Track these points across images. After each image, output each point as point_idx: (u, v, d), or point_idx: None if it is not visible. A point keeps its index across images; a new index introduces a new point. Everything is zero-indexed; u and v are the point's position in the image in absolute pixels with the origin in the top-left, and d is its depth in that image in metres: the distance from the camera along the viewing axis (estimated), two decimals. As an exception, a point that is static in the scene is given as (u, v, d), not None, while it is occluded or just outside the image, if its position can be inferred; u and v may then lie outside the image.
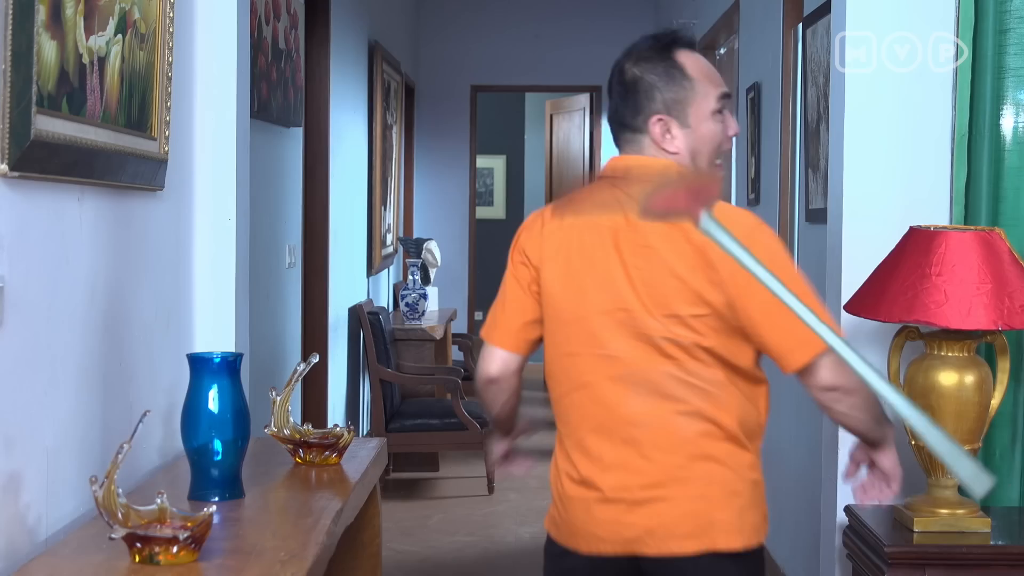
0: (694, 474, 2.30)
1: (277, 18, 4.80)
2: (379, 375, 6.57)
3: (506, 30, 10.35)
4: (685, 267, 2.27)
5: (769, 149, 5.63)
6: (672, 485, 2.30)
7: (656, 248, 2.30)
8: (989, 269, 2.87)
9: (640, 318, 2.30)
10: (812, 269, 4.59)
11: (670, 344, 2.29)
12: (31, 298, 2.30)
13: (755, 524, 2.34)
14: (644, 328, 2.30)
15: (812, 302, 2.17)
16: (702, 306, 2.28)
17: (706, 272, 2.26)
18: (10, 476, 2.23)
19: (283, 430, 3.01)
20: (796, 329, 2.16)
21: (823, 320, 1.97)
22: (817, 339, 2.09)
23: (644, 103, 2.40)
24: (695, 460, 2.30)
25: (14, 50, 2.12)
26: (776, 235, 2.35)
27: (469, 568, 5.44)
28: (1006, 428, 3.23)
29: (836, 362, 2.22)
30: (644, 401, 2.31)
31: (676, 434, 2.30)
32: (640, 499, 2.32)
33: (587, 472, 2.37)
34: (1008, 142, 3.21)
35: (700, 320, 2.28)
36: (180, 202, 3.20)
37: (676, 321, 2.29)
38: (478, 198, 12.91)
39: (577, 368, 2.39)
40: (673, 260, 2.28)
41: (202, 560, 2.19)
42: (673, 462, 2.30)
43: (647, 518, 2.31)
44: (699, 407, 2.30)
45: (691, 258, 2.27)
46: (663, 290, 2.29)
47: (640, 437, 2.32)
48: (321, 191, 6.00)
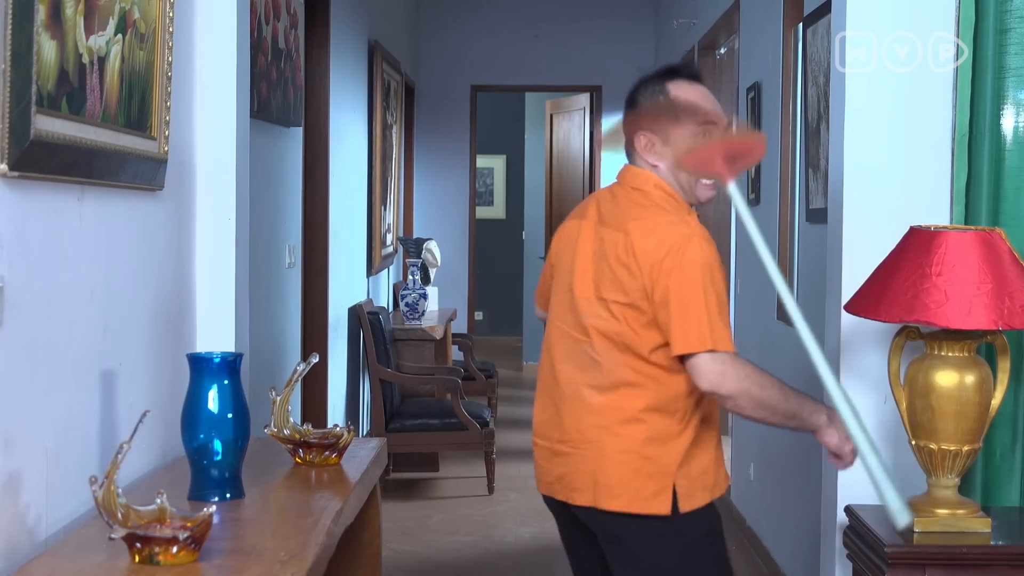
0: (590, 439, 2.71)
1: (277, 18, 4.80)
2: (379, 375, 6.57)
3: (506, 30, 10.35)
4: (617, 257, 2.67)
5: (769, 149, 5.63)
6: (575, 444, 2.74)
7: (604, 240, 2.72)
8: (989, 269, 2.86)
9: (577, 299, 2.76)
10: (812, 269, 4.59)
11: (592, 324, 2.71)
12: (31, 298, 2.30)
13: (645, 494, 2.66)
14: (578, 308, 2.75)
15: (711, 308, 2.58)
16: (623, 294, 2.66)
17: (630, 263, 2.64)
18: (10, 476, 2.23)
19: (283, 430, 3.01)
20: (689, 322, 2.57)
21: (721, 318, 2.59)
22: (703, 340, 2.55)
23: (637, 121, 2.79)
24: (594, 428, 2.71)
25: (14, 50, 2.12)
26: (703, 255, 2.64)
27: (469, 568, 5.44)
28: (1006, 428, 3.23)
29: (712, 368, 2.58)
30: (568, 371, 2.77)
31: (583, 404, 2.72)
32: (556, 451, 2.79)
33: (535, 423, 2.88)
34: (1009, 142, 3.21)
35: (619, 307, 2.66)
36: (180, 202, 3.20)
37: (601, 304, 2.70)
38: (478, 198, 12.91)
39: (546, 336, 2.89)
40: (611, 250, 2.69)
41: (202, 560, 2.19)
42: (577, 427, 2.73)
43: (558, 467, 2.78)
44: (604, 384, 2.69)
45: (623, 249, 2.66)
46: (598, 276, 2.72)
47: (560, 401, 2.78)
48: (321, 191, 6.00)
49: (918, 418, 2.99)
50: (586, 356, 2.72)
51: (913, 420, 3.01)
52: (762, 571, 5.46)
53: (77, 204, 2.52)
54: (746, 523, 6.00)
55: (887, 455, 3.31)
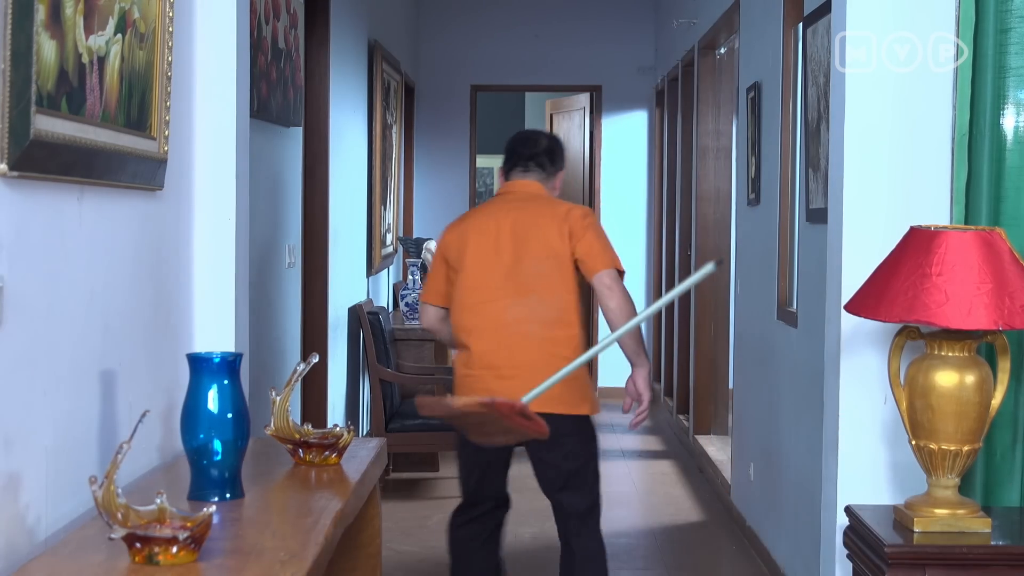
0: (537, 363, 3.85)
1: (277, 17, 4.80)
2: (379, 375, 6.57)
3: (506, 30, 10.34)
4: (555, 232, 3.95)
5: (769, 149, 5.63)
6: (524, 368, 3.86)
7: (535, 223, 4.00)
8: (990, 269, 2.86)
9: (524, 265, 3.96)
10: (812, 269, 4.58)
11: (538, 277, 3.94)
12: (31, 298, 2.29)
13: (576, 400, 3.93)
14: (525, 270, 3.96)
15: (608, 250, 3.96)
16: (562, 251, 3.94)
17: (569, 230, 3.94)
18: (9, 476, 2.22)
19: (283, 430, 3.01)
20: (600, 256, 3.93)
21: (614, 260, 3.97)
22: (605, 262, 3.92)
23: (558, 160, 4.22)
24: (540, 354, 3.90)
25: (13, 49, 2.12)
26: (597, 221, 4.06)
27: (469, 568, 5.43)
28: (1007, 428, 3.23)
29: (615, 276, 3.94)
30: (513, 317, 3.94)
31: (530, 338, 3.93)
32: (504, 375, 3.89)
33: (480, 361, 3.97)
34: (1009, 141, 3.21)
35: (556, 260, 3.94)
36: (180, 202, 3.20)
37: (545, 261, 3.94)
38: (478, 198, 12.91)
39: (480, 304, 4.00)
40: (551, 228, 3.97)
41: (202, 560, 2.19)
42: (526, 355, 3.91)
43: (507, 389, 3.65)
44: (546, 320, 3.94)
45: (559, 228, 3.95)
46: (539, 246, 3.95)
47: (508, 338, 3.94)
48: (321, 191, 6.00)
49: (918, 418, 2.99)
50: (528, 304, 3.91)
51: (913, 420, 3.01)
52: (762, 571, 5.46)
53: (77, 204, 2.51)
54: (746, 523, 6.00)
55: (887, 455, 3.31)
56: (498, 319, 3.91)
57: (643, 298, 10.42)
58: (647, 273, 10.44)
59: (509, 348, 3.89)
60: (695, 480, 7.35)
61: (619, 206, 10.49)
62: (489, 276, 3.94)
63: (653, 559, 5.72)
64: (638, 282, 10.44)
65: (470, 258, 3.96)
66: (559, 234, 3.91)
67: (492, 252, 3.95)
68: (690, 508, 6.70)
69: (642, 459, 8.07)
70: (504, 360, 3.89)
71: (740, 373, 6.56)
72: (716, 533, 6.21)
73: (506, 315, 3.90)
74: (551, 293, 3.90)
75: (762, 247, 5.73)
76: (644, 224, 10.50)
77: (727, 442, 7.30)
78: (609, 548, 3.77)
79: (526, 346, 3.88)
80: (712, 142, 8.06)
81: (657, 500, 6.92)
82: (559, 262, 3.91)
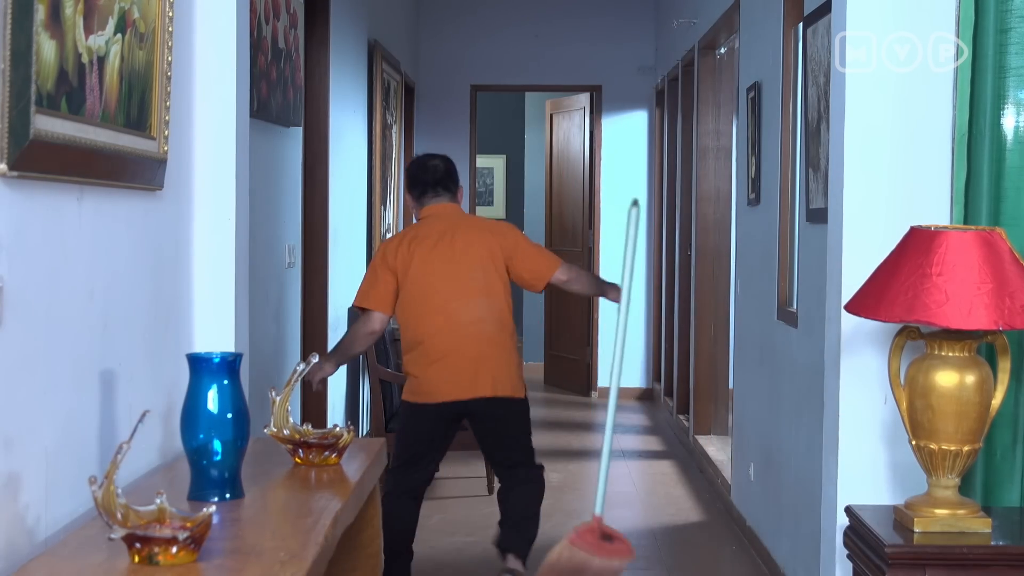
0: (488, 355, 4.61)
1: (276, 17, 4.80)
2: (379, 375, 6.57)
3: (506, 29, 10.34)
4: (489, 244, 4.65)
5: (769, 149, 5.63)
6: (477, 361, 4.58)
7: (475, 238, 4.67)
8: (990, 269, 2.86)
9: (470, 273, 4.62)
10: (812, 269, 4.58)
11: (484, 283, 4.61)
12: (30, 298, 2.29)
13: (517, 384, 4.75)
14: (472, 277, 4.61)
15: (545, 254, 4.78)
16: (501, 260, 4.64)
17: (501, 246, 4.65)
18: (9, 476, 2.22)
19: (283, 430, 3.01)
20: (541, 267, 4.71)
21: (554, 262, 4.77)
22: (552, 267, 4.72)
23: (456, 179, 4.85)
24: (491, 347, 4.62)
25: (13, 49, 2.12)
26: (522, 233, 4.81)
27: (469, 568, 5.44)
28: (1007, 428, 3.23)
29: (564, 267, 4.76)
30: (467, 317, 4.59)
31: (482, 334, 4.60)
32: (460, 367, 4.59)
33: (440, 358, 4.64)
34: (1009, 141, 3.21)
35: (498, 269, 4.64)
36: (179, 202, 3.20)
37: (490, 270, 4.62)
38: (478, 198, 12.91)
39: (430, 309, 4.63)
40: (487, 243, 4.66)
41: (201, 560, 2.19)
42: (479, 348, 4.59)
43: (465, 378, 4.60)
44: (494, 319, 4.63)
45: (492, 242, 4.66)
46: (483, 257, 4.62)
47: (464, 336, 4.60)
48: (321, 191, 6.00)
49: (918, 418, 2.99)
50: (479, 305, 4.56)
51: (913, 420, 3.00)
52: (762, 571, 5.46)
53: (76, 204, 2.51)
54: (746, 523, 5.99)
55: (887, 455, 3.31)
56: (455, 319, 4.56)
57: (643, 297, 10.42)
58: (647, 273, 10.44)
59: (467, 344, 4.56)
60: (695, 480, 7.35)
61: (619, 206, 10.48)
62: (441, 282, 4.57)
63: (653, 559, 5.72)
64: (638, 282, 10.45)
65: (421, 268, 4.58)
66: (494, 246, 4.64)
67: (441, 262, 4.59)
68: (690, 508, 6.70)
69: (642, 459, 8.07)
70: (463, 355, 4.57)
71: (740, 373, 6.56)
72: (716, 533, 6.21)
73: (462, 316, 4.56)
74: (494, 297, 4.60)
75: (762, 247, 5.73)
76: (644, 224, 10.50)
77: (727, 442, 7.30)
78: (609, 548, 3.79)
79: (480, 341, 4.57)
80: (712, 142, 8.06)
81: (657, 500, 6.92)
82: (497, 270, 4.62)
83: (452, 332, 4.57)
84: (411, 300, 4.59)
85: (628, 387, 10.42)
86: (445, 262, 4.59)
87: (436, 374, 4.59)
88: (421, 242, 4.63)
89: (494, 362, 4.57)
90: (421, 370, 4.61)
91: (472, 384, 4.58)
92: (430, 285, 4.58)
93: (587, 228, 10.55)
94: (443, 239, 4.64)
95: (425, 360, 4.60)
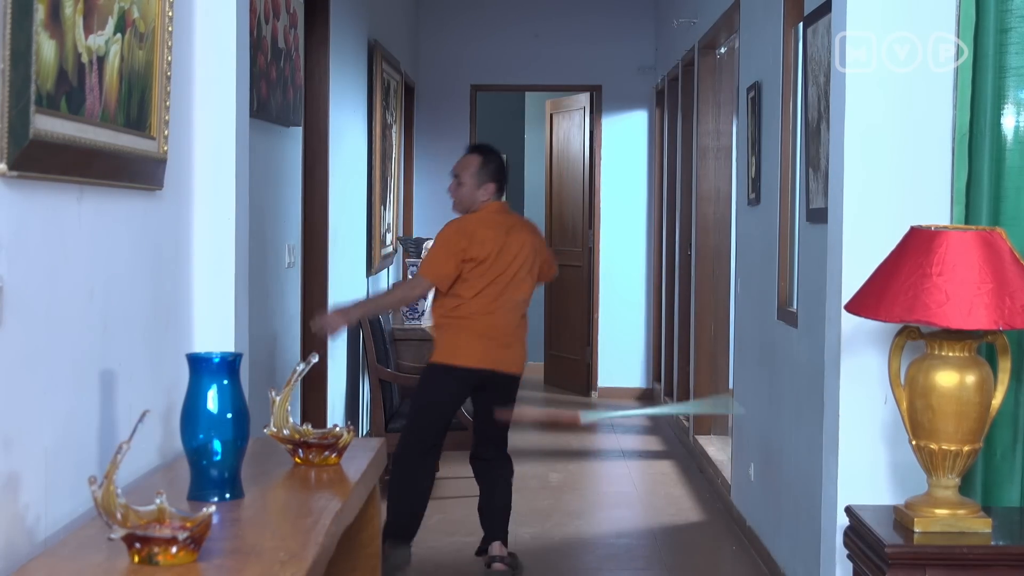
0: (520, 339, 5.36)
1: (276, 17, 4.79)
2: (379, 375, 6.57)
3: (506, 29, 10.34)
4: (536, 245, 5.38)
5: (770, 149, 5.63)
6: (512, 342, 5.32)
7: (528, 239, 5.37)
8: (990, 269, 2.86)
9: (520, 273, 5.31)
10: (812, 269, 4.58)
11: (527, 284, 5.36)
12: (30, 298, 2.29)
13: (524, 364, 5.45)
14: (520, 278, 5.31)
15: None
16: (535, 260, 5.37)
17: (539, 247, 5.41)
18: (9, 476, 2.22)
19: (283, 430, 3.01)
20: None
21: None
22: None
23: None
24: (520, 331, 5.37)
25: (13, 49, 2.12)
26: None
27: (469, 568, 5.44)
28: (1007, 428, 3.23)
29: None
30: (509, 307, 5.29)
31: (515, 322, 5.32)
32: (506, 343, 5.30)
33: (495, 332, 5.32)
34: (1009, 141, 3.21)
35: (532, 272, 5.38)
36: (179, 202, 3.20)
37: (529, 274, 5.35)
38: (478, 198, 12.90)
39: (491, 297, 5.28)
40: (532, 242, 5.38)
41: (201, 560, 2.18)
42: (516, 333, 5.33)
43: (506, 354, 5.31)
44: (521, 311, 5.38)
45: (536, 242, 5.40)
46: (529, 252, 5.33)
47: (506, 321, 5.29)
48: (321, 191, 5.99)
49: (918, 418, 2.99)
50: (522, 293, 5.31)
51: (913, 420, 3.00)
52: (762, 571, 5.46)
53: (76, 204, 2.51)
54: (746, 523, 5.99)
55: (887, 455, 3.31)
56: (505, 303, 5.26)
57: (643, 297, 10.42)
58: (647, 273, 10.44)
59: (508, 325, 5.27)
60: (695, 480, 7.35)
61: (619, 206, 10.49)
62: (505, 271, 5.24)
63: (653, 559, 5.72)
64: (638, 282, 10.45)
65: (493, 255, 5.21)
66: (538, 245, 5.39)
67: (508, 254, 5.25)
68: (690, 508, 6.70)
69: (642, 459, 8.07)
70: (504, 332, 5.27)
71: (740, 373, 6.56)
72: (716, 533, 6.21)
73: (509, 301, 5.27)
74: (529, 288, 5.37)
75: (762, 247, 5.73)
76: (644, 224, 10.49)
77: (727, 442, 7.29)
78: (609, 548, 3.79)
79: (515, 325, 5.31)
80: (712, 142, 8.06)
81: (657, 500, 6.91)
82: (535, 265, 5.35)
83: (501, 314, 5.27)
84: (476, 279, 5.21)
85: (628, 387, 10.42)
86: (511, 255, 5.27)
87: (479, 344, 5.23)
88: (497, 231, 5.26)
89: (520, 344, 5.35)
90: (465, 339, 5.23)
91: (502, 358, 5.27)
92: (498, 270, 5.23)
93: (587, 228, 10.55)
94: (511, 233, 5.29)
95: (471, 331, 5.23)
